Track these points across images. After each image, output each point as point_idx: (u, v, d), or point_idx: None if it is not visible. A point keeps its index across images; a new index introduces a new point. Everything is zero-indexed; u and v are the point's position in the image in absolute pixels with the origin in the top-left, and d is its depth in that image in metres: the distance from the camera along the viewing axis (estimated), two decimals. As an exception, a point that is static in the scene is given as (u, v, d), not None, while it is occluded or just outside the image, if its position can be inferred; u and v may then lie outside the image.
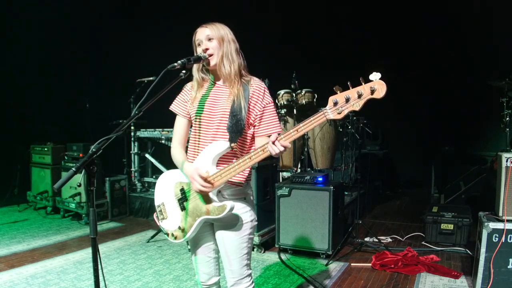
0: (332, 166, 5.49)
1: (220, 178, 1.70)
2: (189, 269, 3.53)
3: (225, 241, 1.83)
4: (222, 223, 1.81)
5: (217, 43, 1.79)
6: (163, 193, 1.90)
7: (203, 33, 1.80)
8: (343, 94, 1.50)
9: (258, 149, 1.66)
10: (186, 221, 1.80)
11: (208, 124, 1.82)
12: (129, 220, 5.44)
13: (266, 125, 1.84)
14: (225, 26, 1.86)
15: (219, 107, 1.81)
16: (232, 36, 1.84)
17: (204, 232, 1.89)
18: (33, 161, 5.97)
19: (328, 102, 1.53)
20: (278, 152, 1.60)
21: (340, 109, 1.49)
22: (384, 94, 1.44)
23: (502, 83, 4.24)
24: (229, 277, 1.86)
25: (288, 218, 3.84)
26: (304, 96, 5.07)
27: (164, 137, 5.43)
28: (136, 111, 1.62)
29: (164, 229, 1.88)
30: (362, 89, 1.46)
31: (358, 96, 1.46)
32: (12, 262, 3.73)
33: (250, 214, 1.85)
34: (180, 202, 1.82)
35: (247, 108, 1.78)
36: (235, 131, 1.76)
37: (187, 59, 1.73)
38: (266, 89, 1.87)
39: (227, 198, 1.81)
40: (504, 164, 2.73)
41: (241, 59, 1.85)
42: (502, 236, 2.69)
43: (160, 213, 1.89)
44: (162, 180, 1.92)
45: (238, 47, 1.86)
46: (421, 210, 5.07)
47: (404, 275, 3.31)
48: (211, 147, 1.76)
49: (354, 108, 1.50)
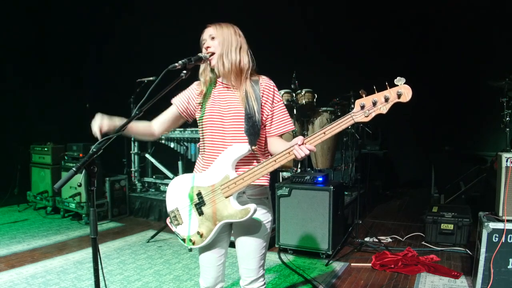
0: (332, 166, 5.49)
1: (243, 182, 1.68)
2: (189, 269, 3.53)
3: (247, 241, 1.82)
4: (244, 224, 1.79)
5: (219, 42, 1.79)
6: (177, 198, 1.84)
7: (207, 32, 1.82)
8: (370, 97, 1.52)
9: (284, 152, 1.63)
10: (205, 226, 1.76)
11: (222, 127, 1.80)
12: (129, 220, 5.44)
13: (277, 124, 1.83)
14: (232, 26, 1.85)
15: (230, 109, 1.79)
16: (237, 37, 1.83)
17: (220, 235, 1.84)
18: (33, 161, 5.96)
19: (355, 105, 1.55)
20: (304, 155, 1.59)
21: (367, 112, 1.52)
22: (411, 97, 1.49)
23: (502, 83, 4.23)
24: (245, 276, 1.86)
25: (288, 218, 3.84)
26: (304, 96, 5.07)
27: (164, 137, 5.42)
28: (137, 111, 1.62)
29: (180, 235, 1.82)
30: (389, 93, 1.50)
31: (385, 99, 1.50)
32: (12, 262, 3.73)
33: (270, 213, 1.87)
34: (198, 207, 1.77)
35: (260, 109, 1.77)
36: (253, 134, 1.75)
37: (188, 59, 1.73)
38: (275, 87, 1.87)
39: (250, 198, 1.80)
40: (504, 164, 2.73)
41: (246, 58, 1.82)
42: (502, 236, 2.69)
43: (174, 219, 1.83)
44: (175, 185, 1.87)
45: (245, 47, 1.84)
46: (421, 210, 5.07)
47: (404, 275, 3.31)
48: (230, 151, 1.74)
49: (381, 111, 1.53)
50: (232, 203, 1.70)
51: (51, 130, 6.45)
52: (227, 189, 1.70)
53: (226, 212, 1.71)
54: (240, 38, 1.84)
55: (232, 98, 1.81)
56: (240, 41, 1.83)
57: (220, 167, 1.73)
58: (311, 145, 1.59)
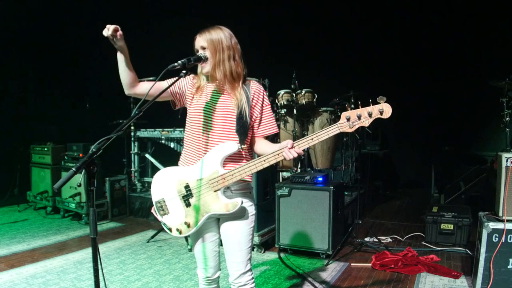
0: (332, 166, 5.49)
1: (232, 177, 1.78)
2: (189, 269, 3.53)
3: (234, 233, 1.87)
4: (230, 216, 1.85)
5: (211, 52, 1.82)
6: (163, 189, 1.91)
7: (198, 43, 1.86)
8: (355, 112, 1.72)
9: (274, 153, 1.74)
10: (192, 216, 1.84)
11: (212, 124, 1.85)
12: (129, 220, 5.44)
13: (264, 126, 1.95)
14: (222, 30, 1.85)
15: (222, 107, 1.86)
16: (229, 42, 1.83)
17: (209, 225, 1.93)
18: (33, 161, 5.97)
19: (341, 117, 1.73)
20: (292, 157, 1.72)
21: (352, 124, 1.72)
22: (390, 115, 1.70)
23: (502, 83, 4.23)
24: (233, 270, 1.89)
25: (288, 218, 3.84)
26: (304, 96, 5.07)
27: (164, 137, 5.43)
28: (136, 111, 1.62)
29: (167, 224, 1.90)
30: (372, 110, 1.71)
31: (368, 115, 1.71)
32: (12, 262, 3.73)
33: (254, 207, 1.94)
34: (185, 198, 1.85)
35: (250, 111, 1.87)
36: (243, 133, 1.85)
37: (187, 59, 1.75)
38: (264, 92, 1.97)
39: (235, 193, 1.87)
40: (504, 164, 2.73)
41: (239, 67, 1.86)
42: (502, 236, 2.69)
43: (160, 209, 1.91)
44: (161, 177, 1.94)
45: (238, 53, 1.86)
46: (421, 210, 5.07)
47: (404, 275, 3.31)
48: (220, 148, 1.82)
49: (364, 124, 1.73)
50: (220, 197, 1.81)
51: (51, 130, 6.45)
52: (216, 184, 1.79)
53: (214, 205, 1.81)
54: (232, 43, 1.84)
55: (224, 97, 1.88)
56: (232, 47, 1.84)
57: (210, 162, 1.82)
58: (300, 149, 1.73)
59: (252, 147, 1.97)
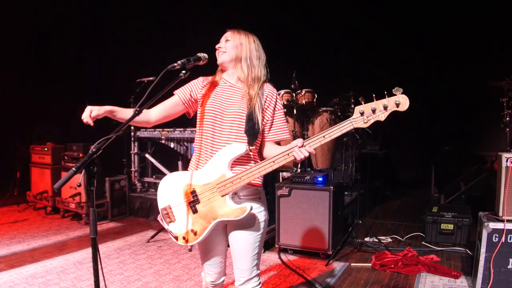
0: (332, 166, 5.48)
1: (240, 181, 1.70)
2: (189, 269, 3.53)
3: (240, 240, 1.82)
4: (238, 223, 1.79)
5: (233, 45, 1.84)
6: (169, 196, 1.84)
7: (225, 35, 1.89)
8: (369, 105, 1.58)
9: (283, 153, 1.66)
10: (199, 224, 1.76)
11: (221, 125, 1.82)
12: (129, 220, 5.44)
13: (275, 130, 1.88)
14: (251, 35, 1.89)
15: (232, 107, 1.82)
16: (255, 46, 1.87)
17: (217, 233, 1.87)
18: (33, 161, 5.96)
19: (355, 112, 1.60)
20: (303, 157, 1.63)
21: (366, 118, 1.59)
22: (408, 107, 1.55)
23: (502, 83, 4.23)
24: (239, 276, 1.86)
25: (288, 218, 3.84)
26: (304, 96, 5.07)
27: (164, 137, 5.42)
28: (136, 111, 1.62)
29: (173, 232, 1.81)
30: (387, 102, 1.57)
31: (384, 107, 1.57)
32: (12, 262, 3.73)
33: (264, 213, 1.86)
34: (192, 205, 1.77)
35: (261, 112, 1.82)
36: (252, 134, 1.78)
37: (187, 59, 1.75)
38: (278, 95, 1.93)
39: (243, 199, 1.80)
40: (504, 164, 2.73)
41: (264, 70, 1.88)
42: (502, 236, 2.69)
43: (166, 216, 1.83)
44: (167, 182, 1.87)
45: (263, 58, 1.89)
46: (421, 210, 5.07)
47: (404, 275, 3.31)
48: (228, 150, 1.75)
49: (379, 118, 1.60)
50: (228, 202, 1.72)
51: (51, 130, 6.45)
52: (223, 188, 1.71)
53: (222, 210, 1.72)
54: (259, 49, 1.89)
55: (235, 96, 1.84)
56: (260, 51, 1.89)
57: (217, 166, 1.74)
58: (311, 147, 1.63)
59: (261, 152, 1.90)
